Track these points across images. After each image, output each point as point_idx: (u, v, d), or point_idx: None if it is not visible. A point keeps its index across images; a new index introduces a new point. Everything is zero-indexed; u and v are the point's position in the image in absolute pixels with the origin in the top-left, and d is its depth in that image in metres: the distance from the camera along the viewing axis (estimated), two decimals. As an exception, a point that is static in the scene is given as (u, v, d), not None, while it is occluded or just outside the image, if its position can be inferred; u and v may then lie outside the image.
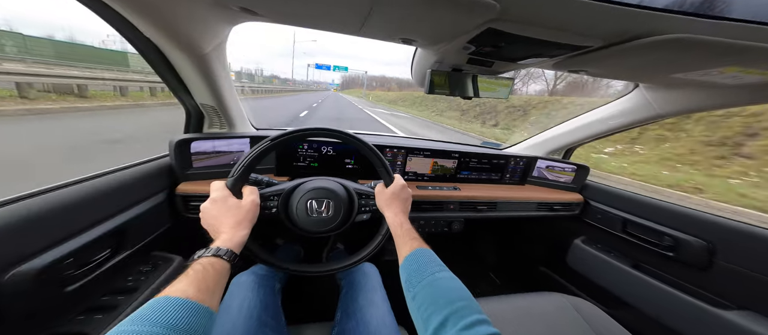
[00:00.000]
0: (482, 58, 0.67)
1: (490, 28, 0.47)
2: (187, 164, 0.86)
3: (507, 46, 0.56)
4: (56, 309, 0.55)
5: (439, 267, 0.47)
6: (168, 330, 0.32)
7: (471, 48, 0.59)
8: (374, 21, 0.52)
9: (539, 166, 1.31)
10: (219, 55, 0.75)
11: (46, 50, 11.95)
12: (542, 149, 1.36)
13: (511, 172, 1.29)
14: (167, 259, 0.79)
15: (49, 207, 0.51)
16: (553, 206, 1.21)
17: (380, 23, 0.53)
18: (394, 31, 0.57)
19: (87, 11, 0.52)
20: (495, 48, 0.59)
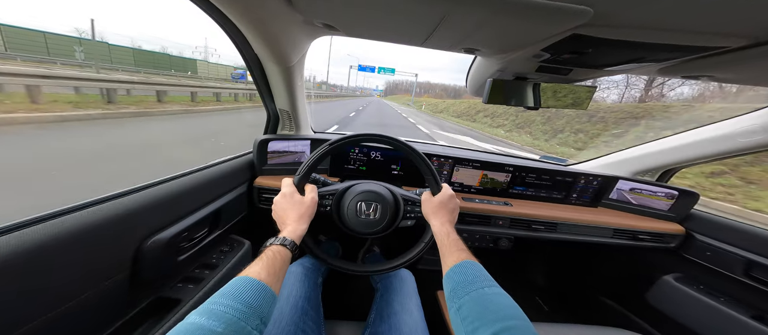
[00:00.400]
0: (557, 65, 0.62)
1: (575, 35, 0.44)
2: (263, 161, 0.98)
3: (594, 52, 0.51)
4: (168, 275, 0.67)
5: (489, 282, 0.45)
6: (245, 306, 0.37)
7: (544, 56, 0.56)
8: (441, 32, 0.53)
9: (621, 188, 1.12)
10: (300, 67, 0.86)
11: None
12: (625, 168, 1.17)
13: (580, 192, 1.15)
14: (240, 242, 0.91)
15: (171, 193, 0.64)
16: (638, 235, 1.03)
17: (447, 34, 0.54)
18: (460, 41, 0.58)
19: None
20: (576, 54, 0.54)
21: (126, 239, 0.53)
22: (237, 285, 0.40)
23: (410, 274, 0.84)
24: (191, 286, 0.69)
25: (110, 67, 18.54)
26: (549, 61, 0.59)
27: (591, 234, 1.04)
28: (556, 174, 1.12)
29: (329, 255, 0.70)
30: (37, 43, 20.91)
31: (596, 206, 1.17)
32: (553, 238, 1.04)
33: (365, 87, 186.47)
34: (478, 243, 1.04)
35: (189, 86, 8.83)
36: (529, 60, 0.60)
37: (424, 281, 0.90)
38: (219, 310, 0.35)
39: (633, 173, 1.16)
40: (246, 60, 0.80)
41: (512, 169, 1.10)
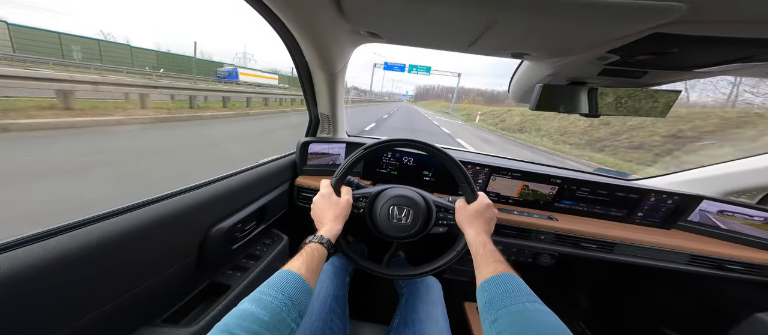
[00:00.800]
0: (628, 68, 0.54)
1: (656, 34, 0.37)
2: (304, 161, 1.04)
3: (681, 52, 0.43)
4: (223, 262, 0.74)
5: (531, 298, 0.41)
6: (287, 298, 0.39)
7: (611, 58, 0.49)
8: (489, 38, 0.50)
9: (706, 209, 0.95)
10: (343, 74, 0.90)
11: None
12: (713, 187, 0.98)
13: (648, 211, 1.00)
14: (280, 237, 0.97)
15: (229, 188, 0.71)
16: (726, 264, 0.88)
17: (495, 39, 0.52)
18: (508, 45, 0.55)
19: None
20: (656, 55, 0.46)
21: (196, 226, 0.61)
22: (281, 278, 0.42)
23: (437, 282, 0.83)
24: (238, 274, 0.76)
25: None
26: (617, 64, 0.52)
27: (659, 259, 0.91)
28: (617, 190, 0.99)
29: (359, 256, 0.72)
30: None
31: (669, 228, 1.01)
32: (607, 259, 0.93)
33: (394, 92, 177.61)
34: (515, 257, 0.98)
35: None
36: (591, 63, 0.53)
37: (449, 291, 0.87)
38: (266, 300, 0.38)
39: (723, 193, 0.96)
40: (297, 68, 0.87)
41: (560, 181, 1.00)
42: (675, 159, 7.62)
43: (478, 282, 0.49)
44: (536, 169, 1.05)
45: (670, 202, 0.97)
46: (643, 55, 0.46)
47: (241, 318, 0.34)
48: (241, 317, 0.34)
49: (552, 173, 1.02)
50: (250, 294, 0.39)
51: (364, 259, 0.71)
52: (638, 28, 0.37)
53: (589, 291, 1.42)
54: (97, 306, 0.42)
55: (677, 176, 1.08)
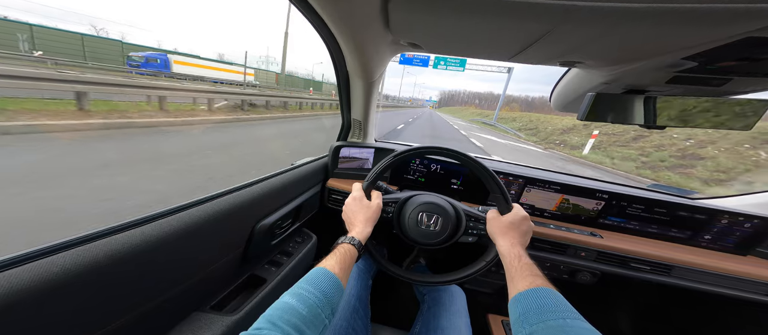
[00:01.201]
0: (707, 75, 0.47)
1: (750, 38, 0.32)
2: (335, 165, 1.08)
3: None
4: (262, 256, 0.79)
5: (573, 315, 0.39)
6: (323, 295, 0.41)
7: (686, 64, 0.44)
8: (539, 47, 0.48)
9: None
10: (379, 83, 0.93)
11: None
12: None
13: (719, 234, 0.89)
14: (310, 236, 1.01)
15: (272, 188, 0.75)
16: None
17: (546, 49, 0.49)
18: (560, 54, 0.51)
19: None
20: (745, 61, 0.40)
21: (244, 222, 0.66)
22: (318, 275, 0.44)
23: (461, 292, 0.81)
24: (274, 269, 0.80)
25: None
26: (692, 71, 0.46)
27: (730, 287, 0.81)
28: (680, 209, 0.89)
29: (387, 262, 0.72)
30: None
31: (745, 254, 0.89)
32: (663, 282, 0.85)
33: (415, 97, 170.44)
34: (548, 272, 0.92)
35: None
36: (659, 70, 0.48)
37: (471, 302, 0.85)
38: (304, 295, 0.39)
39: None
40: (338, 75, 0.91)
41: (607, 196, 0.92)
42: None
43: (511, 295, 0.47)
44: (578, 182, 0.98)
45: (748, 225, 0.85)
46: (729, 61, 0.40)
47: (283, 311, 0.36)
48: (283, 309, 0.36)
49: (597, 187, 0.94)
50: (285, 287, 0.41)
51: (391, 264, 0.71)
52: (729, 32, 0.32)
53: (633, 315, 1.29)
54: (160, 294, 0.47)
55: (755, 197, 0.93)
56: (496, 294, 1.21)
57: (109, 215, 1.93)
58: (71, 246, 0.35)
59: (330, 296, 0.42)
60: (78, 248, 0.36)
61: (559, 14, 0.35)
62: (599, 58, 0.50)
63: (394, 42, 0.63)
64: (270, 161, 4.11)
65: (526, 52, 0.52)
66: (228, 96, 8.18)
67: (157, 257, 0.45)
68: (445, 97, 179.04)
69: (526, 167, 1.24)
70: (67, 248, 0.35)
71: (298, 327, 0.35)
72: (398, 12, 0.46)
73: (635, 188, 1.04)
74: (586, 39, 0.43)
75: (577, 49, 0.48)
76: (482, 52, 0.60)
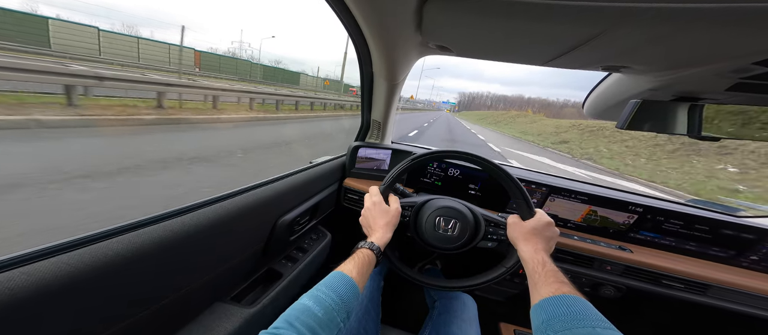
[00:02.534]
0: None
1: None
2: (352, 164, 1.08)
3: None
4: (281, 250, 0.81)
5: (603, 323, 0.36)
6: (339, 298, 0.41)
7: (755, 70, 0.39)
8: (579, 51, 0.44)
9: None
10: (402, 84, 0.93)
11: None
12: None
13: (767, 255, 0.81)
14: (324, 234, 1.02)
15: (293, 185, 0.77)
16: None
17: (587, 53, 0.46)
18: (604, 58, 0.48)
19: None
20: None
21: (268, 217, 0.67)
22: (336, 279, 0.44)
23: (472, 300, 0.80)
24: (290, 264, 0.81)
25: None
26: (760, 78, 0.41)
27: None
28: (724, 226, 0.82)
29: (408, 267, 0.71)
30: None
31: None
32: (698, 302, 0.80)
33: (429, 99, 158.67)
34: None
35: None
36: (719, 76, 0.43)
37: (482, 309, 0.83)
38: (322, 298, 0.40)
39: None
40: (362, 75, 0.91)
41: (641, 210, 0.87)
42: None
43: (534, 301, 0.45)
44: (609, 194, 0.92)
45: None
46: None
47: (300, 312, 0.37)
48: (300, 311, 0.37)
49: (630, 199, 0.88)
50: (299, 282, 0.42)
51: (411, 270, 0.70)
52: None
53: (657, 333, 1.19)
54: (188, 284, 0.49)
55: None
56: (509, 303, 1.17)
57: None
58: (97, 240, 0.37)
59: (346, 300, 0.42)
60: (104, 242, 0.37)
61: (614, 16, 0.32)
62: (651, 63, 0.47)
63: (422, 44, 0.62)
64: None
65: (566, 56, 0.49)
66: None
67: (184, 250, 0.46)
68: (465, 100, 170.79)
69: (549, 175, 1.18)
70: (93, 242, 0.36)
71: (313, 329, 0.35)
72: (434, 13, 0.45)
73: (673, 203, 0.97)
74: (640, 43, 0.39)
75: (627, 53, 0.44)
76: (516, 56, 0.58)
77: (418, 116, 27.24)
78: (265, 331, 0.33)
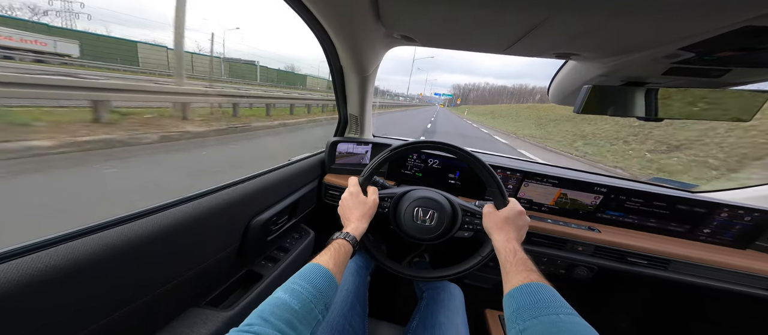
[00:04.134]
0: (706, 66, 0.46)
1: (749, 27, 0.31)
2: (332, 160, 1.07)
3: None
4: (259, 251, 0.79)
5: (566, 309, 0.38)
6: (315, 289, 0.41)
7: (684, 55, 0.43)
8: (532, 38, 0.47)
9: None
10: (373, 77, 0.92)
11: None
12: None
13: (719, 228, 0.88)
14: (307, 232, 1.01)
15: (268, 183, 0.75)
16: None
17: (539, 41, 0.48)
18: (555, 46, 0.51)
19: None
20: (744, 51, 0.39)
21: (239, 218, 0.66)
22: (311, 270, 0.44)
23: (459, 289, 0.82)
24: (270, 265, 0.80)
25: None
26: (689, 62, 0.45)
27: (728, 281, 0.81)
28: (679, 202, 0.88)
29: (385, 257, 0.72)
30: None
31: (744, 247, 0.88)
32: (660, 277, 0.85)
33: (413, 94, 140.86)
34: (546, 267, 0.92)
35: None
36: (655, 62, 0.47)
37: (470, 298, 0.86)
38: (298, 290, 0.39)
39: None
40: (332, 70, 0.90)
41: (606, 190, 0.92)
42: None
43: (505, 290, 0.47)
44: (577, 176, 0.97)
45: (748, 219, 0.84)
46: (728, 51, 0.39)
47: (275, 306, 0.36)
48: (275, 305, 0.36)
49: (596, 181, 0.94)
50: (282, 283, 0.41)
51: (387, 259, 0.71)
52: (728, 22, 0.31)
53: (632, 310, 1.29)
54: (154, 289, 0.47)
55: (756, 190, 0.93)
56: (494, 290, 1.21)
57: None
58: (59, 242, 0.35)
59: (323, 291, 0.41)
60: (67, 245, 0.36)
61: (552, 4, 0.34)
62: (595, 50, 0.50)
63: (387, 35, 0.62)
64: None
65: (520, 43, 0.51)
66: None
67: (149, 252, 0.45)
68: (460, 93, 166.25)
69: (524, 161, 1.23)
70: (56, 245, 0.35)
71: (290, 323, 0.35)
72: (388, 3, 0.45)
73: (635, 182, 1.04)
74: (580, 30, 0.42)
75: (572, 40, 0.47)
76: (476, 44, 0.59)
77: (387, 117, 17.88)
78: (236, 329, 0.32)
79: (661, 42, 0.41)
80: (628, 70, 0.55)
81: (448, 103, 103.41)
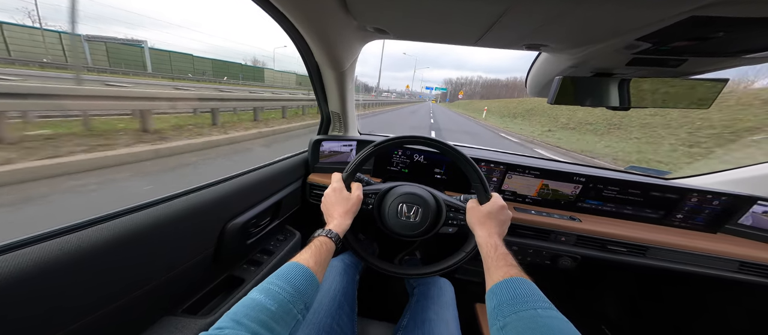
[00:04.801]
0: (662, 56, 0.48)
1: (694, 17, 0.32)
2: (316, 159, 1.06)
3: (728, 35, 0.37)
4: (239, 256, 0.78)
5: (544, 304, 0.39)
6: (294, 289, 0.40)
7: (641, 46, 0.44)
8: (499, 29, 0.47)
9: (759, 211, 0.84)
10: (351, 72, 0.91)
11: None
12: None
13: (690, 213, 0.91)
14: (293, 233, 1.00)
15: (246, 184, 0.74)
16: None
17: (506, 32, 0.49)
18: (522, 38, 0.51)
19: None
20: (695, 41, 0.41)
21: (213, 222, 0.64)
22: (289, 270, 0.43)
23: (449, 284, 0.81)
24: (253, 268, 0.79)
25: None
26: (648, 53, 0.46)
27: (701, 265, 0.83)
28: (653, 189, 0.91)
29: (370, 254, 0.72)
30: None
31: (715, 231, 0.92)
32: (639, 264, 0.86)
33: (401, 91, 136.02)
34: (532, 258, 0.94)
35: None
36: (617, 52, 0.48)
37: (462, 292, 0.86)
38: (274, 290, 0.38)
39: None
40: (308, 67, 0.88)
41: (584, 180, 0.94)
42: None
43: (487, 286, 0.47)
44: (557, 167, 0.99)
45: (716, 203, 0.88)
46: (680, 41, 0.41)
47: (249, 308, 0.35)
48: (249, 306, 0.35)
49: (575, 170, 0.96)
50: None
51: (371, 256, 0.71)
52: (672, 11, 0.32)
53: (616, 297, 1.32)
54: (122, 296, 0.46)
55: (724, 174, 0.97)
56: (485, 284, 1.23)
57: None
58: (17, 248, 0.34)
59: (302, 290, 0.40)
60: (25, 250, 0.34)
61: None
62: (561, 41, 0.51)
63: (360, 28, 0.62)
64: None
65: (489, 35, 0.52)
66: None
67: (114, 258, 0.43)
68: (452, 88, 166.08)
69: (507, 153, 1.25)
70: (12, 251, 0.33)
71: (266, 324, 0.34)
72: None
73: (612, 170, 1.06)
74: (542, 19, 0.43)
75: (537, 31, 0.48)
76: (448, 36, 0.60)
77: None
78: (205, 333, 0.31)
79: (620, 32, 0.42)
80: (596, 62, 0.56)
81: (440, 98, 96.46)
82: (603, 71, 0.60)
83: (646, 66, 0.52)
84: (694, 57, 0.46)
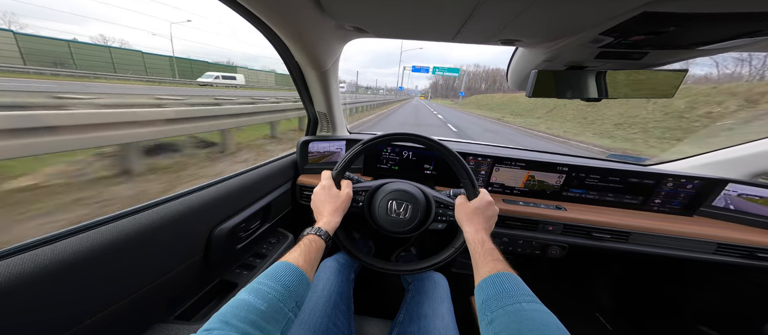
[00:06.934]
0: (625, 50, 0.50)
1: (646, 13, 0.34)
2: (305, 160, 1.06)
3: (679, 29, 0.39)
4: (229, 261, 0.78)
5: (528, 297, 0.40)
6: (284, 288, 0.40)
7: (604, 40, 0.46)
8: (474, 25, 0.49)
9: (732, 193, 0.88)
10: (334, 71, 0.90)
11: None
12: (740, 169, 0.90)
13: (667, 197, 0.94)
14: (285, 235, 1.01)
15: (233, 188, 0.74)
16: (756, 252, 0.82)
17: (480, 26, 0.50)
18: (496, 32, 0.53)
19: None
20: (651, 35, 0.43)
21: (201, 227, 0.64)
22: (278, 269, 0.43)
23: (443, 278, 0.82)
24: (246, 272, 0.80)
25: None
26: (612, 46, 0.48)
27: (681, 248, 0.86)
28: (631, 175, 0.94)
29: (361, 252, 0.73)
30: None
31: (691, 214, 0.95)
32: (623, 249, 0.89)
33: (381, 86, 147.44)
34: (522, 249, 0.95)
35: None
36: (585, 46, 0.50)
37: (458, 285, 0.87)
38: (263, 290, 0.38)
39: (752, 174, 0.88)
40: (289, 69, 0.87)
41: (567, 169, 0.96)
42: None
43: (476, 282, 0.48)
44: (542, 157, 1.01)
45: (690, 186, 0.91)
46: (638, 35, 0.43)
47: (238, 308, 0.35)
48: (238, 307, 0.35)
49: (559, 161, 0.98)
50: None
51: (362, 253, 0.72)
52: (626, 7, 0.34)
53: (606, 283, 1.36)
54: (110, 304, 0.46)
55: (698, 158, 1.01)
56: None
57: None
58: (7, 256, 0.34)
59: (292, 289, 0.40)
60: (3, 262, 0.34)
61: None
62: (533, 36, 0.52)
63: (338, 27, 0.62)
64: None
65: (465, 31, 0.53)
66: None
67: (97, 267, 0.44)
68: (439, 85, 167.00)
69: (495, 146, 1.26)
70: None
71: (256, 324, 0.34)
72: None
73: (593, 159, 1.09)
74: (511, 15, 0.44)
75: (508, 27, 0.49)
76: (424, 33, 0.61)
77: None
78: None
79: (584, 27, 0.44)
80: (568, 56, 0.58)
81: (432, 94, 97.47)
82: (575, 64, 0.62)
83: (612, 59, 0.54)
84: (654, 50, 0.49)
